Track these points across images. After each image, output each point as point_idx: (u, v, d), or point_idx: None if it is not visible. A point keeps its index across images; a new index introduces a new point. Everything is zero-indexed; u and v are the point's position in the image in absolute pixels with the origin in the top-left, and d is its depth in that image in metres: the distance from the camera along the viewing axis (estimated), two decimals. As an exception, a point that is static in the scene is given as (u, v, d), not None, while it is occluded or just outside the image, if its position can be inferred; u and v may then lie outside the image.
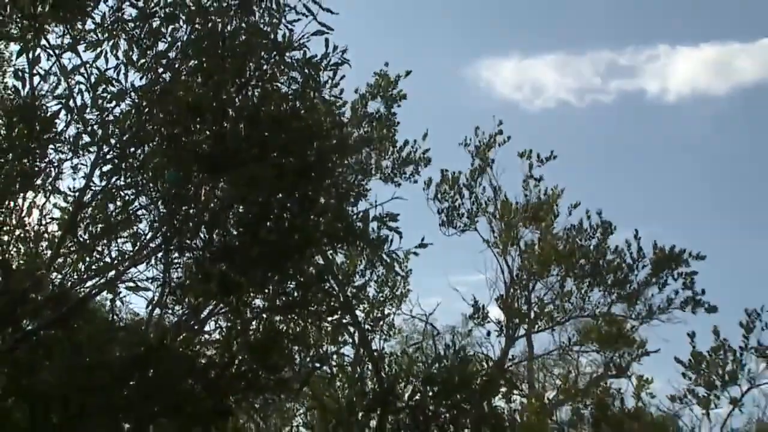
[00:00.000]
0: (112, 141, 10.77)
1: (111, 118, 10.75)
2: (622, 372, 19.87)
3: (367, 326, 15.88)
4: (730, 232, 48.11)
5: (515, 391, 18.56)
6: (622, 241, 19.04)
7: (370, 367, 16.52)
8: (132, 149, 10.96)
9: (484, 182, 18.76)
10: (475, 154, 18.60)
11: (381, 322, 15.99)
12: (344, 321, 15.18)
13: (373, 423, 15.64)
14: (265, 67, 11.30)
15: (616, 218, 19.05)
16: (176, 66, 10.99)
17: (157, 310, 11.93)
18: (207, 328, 12.30)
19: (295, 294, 12.88)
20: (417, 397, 15.94)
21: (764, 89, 53.61)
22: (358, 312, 15.65)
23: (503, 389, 17.16)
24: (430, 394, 15.71)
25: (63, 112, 10.59)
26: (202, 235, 11.89)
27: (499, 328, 18.46)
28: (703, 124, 52.88)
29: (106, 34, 10.74)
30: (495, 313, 18.56)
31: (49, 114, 10.63)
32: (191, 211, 11.71)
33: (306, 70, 11.44)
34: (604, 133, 48.90)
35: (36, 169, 10.96)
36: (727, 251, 45.37)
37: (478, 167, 18.68)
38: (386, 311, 16.24)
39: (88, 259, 11.27)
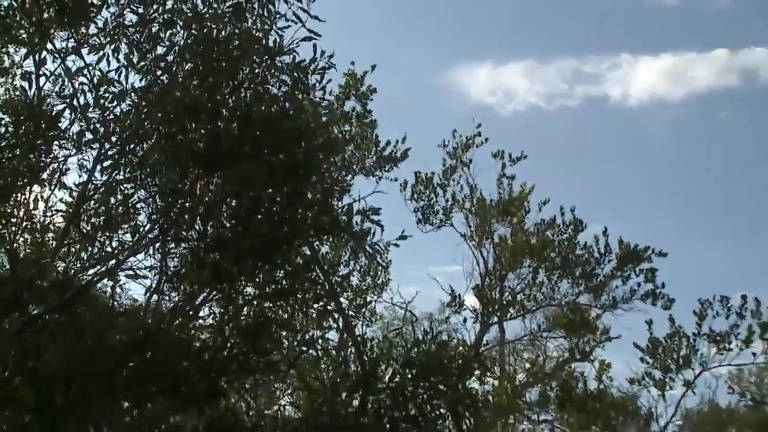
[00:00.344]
0: (113, 138, 10.80)
1: (112, 117, 10.77)
2: (586, 357, 20.09)
3: (350, 313, 15.95)
4: (686, 226, 48.81)
5: (488, 374, 18.75)
6: (591, 237, 19.29)
7: (353, 350, 16.63)
8: (132, 146, 11.00)
9: (462, 181, 18.95)
10: (452, 155, 18.75)
11: (363, 309, 16.05)
12: (329, 308, 15.27)
13: (355, 403, 15.75)
14: (257, 70, 11.36)
15: (581, 214, 19.32)
16: (174, 69, 11.03)
17: (155, 297, 11.96)
18: (201, 314, 12.37)
19: (284, 282, 12.96)
20: (397, 379, 16.01)
21: (716, 96, 54.33)
22: (342, 299, 15.75)
23: (477, 372, 17.34)
24: (409, 376, 15.79)
25: (67, 111, 10.59)
26: (197, 227, 11.95)
27: (474, 315, 18.64)
28: (661, 127, 53.53)
29: (108, 39, 10.77)
30: (470, 301, 18.77)
31: (54, 113, 10.67)
32: (187, 204, 11.77)
33: (295, 74, 11.51)
34: (571, 135, 49.48)
35: (42, 164, 11.01)
36: (682, 244, 46.03)
37: (450, 167, 18.81)
38: (368, 299, 16.32)
39: (90, 248, 11.30)
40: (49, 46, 10.66)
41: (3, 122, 10.70)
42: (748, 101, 55.41)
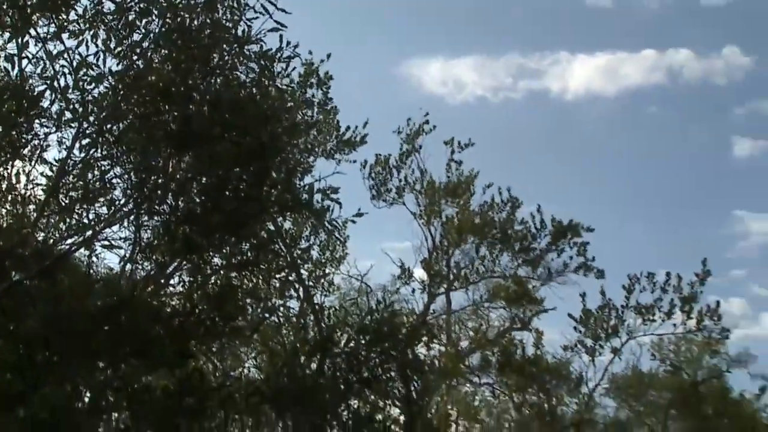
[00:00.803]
0: (91, 118, 10.76)
1: (90, 98, 10.72)
2: (525, 326, 20.55)
3: (310, 283, 16.13)
4: (614, 210, 50.07)
5: (435, 341, 19.12)
6: (528, 215, 19.70)
7: (312, 318, 16.84)
8: (109, 126, 10.97)
9: (413, 165, 19.21)
10: (406, 140, 18.98)
11: (322, 280, 16.23)
12: (291, 278, 15.47)
13: (313, 366, 16.02)
14: (226, 58, 11.33)
15: (523, 197, 19.74)
16: (149, 54, 10.99)
17: (129, 266, 12.05)
18: (172, 282, 12.49)
19: (249, 254, 13.08)
20: (352, 345, 16.31)
21: (645, 92, 55.58)
22: (302, 271, 15.92)
23: (425, 339, 17.66)
24: (363, 342, 16.11)
25: (48, 91, 10.52)
26: (169, 202, 12.02)
27: (422, 287, 18.94)
28: (596, 120, 54.48)
29: (87, 25, 10.71)
30: (419, 274, 19.07)
31: (35, 93, 10.60)
32: (160, 181, 11.83)
33: (262, 62, 11.54)
34: (515, 125, 50.09)
35: (23, 140, 10.96)
36: (613, 225, 47.15)
37: (405, 151, 19.07)
38: (327, 271, 16.49)
39: (68, 220, 11.29)
40: (32, 31, 10.57)
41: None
42: (672, 98, 56.90)
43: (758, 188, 50.28)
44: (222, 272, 12.64)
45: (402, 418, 17.13)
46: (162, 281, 12.11)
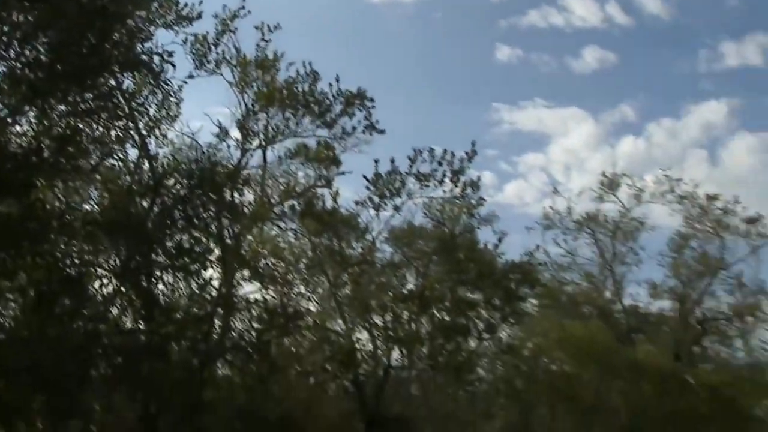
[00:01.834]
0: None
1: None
2: (327, 184, 21.91)
3: (145, 132, 16.32)
4: (407, 95, 52.84)
5: (248, 190, 20.13)
6: (327, 86, 20.62)
7: (147, 165, 17.16)
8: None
9: (230, 44, 19.45)
10: (221, 23, 19.06)
11: (156, 131, 16.43)
12: (129, 129, 15.64)
13: (145, 204, 16.55)
14: None
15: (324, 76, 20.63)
16: None
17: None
18: (21, 124, 12.40)
19: (92, 104, 13.26)
20: (178, 188, 17.02)
21: (434, 1, 57.70)
22: (140, 124, 16.05)
23: (239, 186, 18.64)
24: (188, 186, 16.86)
25: None
26: (14, 49, 11.85)
27: (236, 143, 19.61)
28: (396, 20, 55.68)
29: None
30: (236, 134, 19.65)
31: None
32: (5, 28, 11.60)
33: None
34: (326, 12, 49.29)
35: None
36: (402, 110, 49.89)
37: (221, 31, 19.24)
38: (162, 127, 16.66)
39: None
40: None
41: None
42: (454, 7, 59.57)
43: (512, 86, 56.42)
44: (66, 118, 12.70)
45: (217, 251, 18.22)
46: (9, 120, 12.00)
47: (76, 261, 14.72)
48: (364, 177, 21.76)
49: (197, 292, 16.92)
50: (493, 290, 23.23)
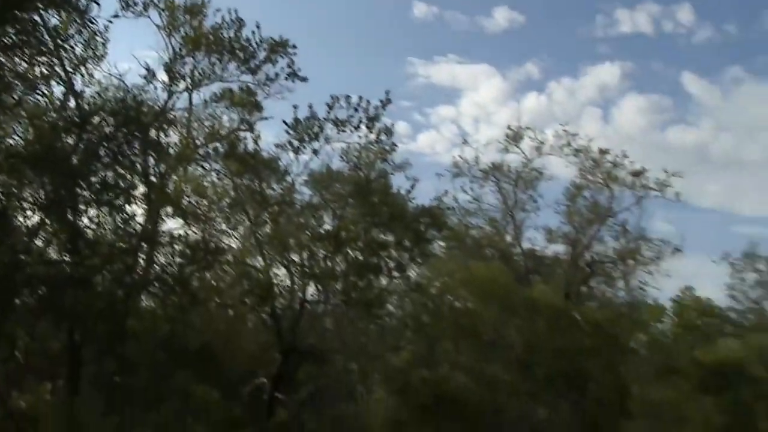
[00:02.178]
0: None
1: None
2: (249, 128, 22.37)
3: (70, 69, 16.34)
4: (331, 47, 53.31)
5: (173, 131, 20.47)
6: (251, 33, 20.97)
7: (73, 102, 17.18)
8: None
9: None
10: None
11: (83, 69, 16.45)
12: (54, 66, 15.63)
13: (71, 141, 16.68)
14: None
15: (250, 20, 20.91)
16: None
17: None
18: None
19: (14, 38, 13.28)
20: (104, 125, 17.21)
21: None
22: (65, 61, 16.06)
23: (164, 126, 18.98)
24: (114, 123, 17.08)
25: None
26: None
27: (163, 85, 19.83)
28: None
29: None
30: (163, 77, 19.84)
31: None
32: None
33: None
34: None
35: None
36: (326, 62, 50.21)
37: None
38: (88, 65, 16.69)
39: None
40: None
41: None
42: None
43: (427, 42, 58.25)
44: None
45: (142, 188, 18.61)
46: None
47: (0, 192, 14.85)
48: (284, 122, 22.45)
49: (121, 226, 17.30)
50: (403, 232, 24.50)
